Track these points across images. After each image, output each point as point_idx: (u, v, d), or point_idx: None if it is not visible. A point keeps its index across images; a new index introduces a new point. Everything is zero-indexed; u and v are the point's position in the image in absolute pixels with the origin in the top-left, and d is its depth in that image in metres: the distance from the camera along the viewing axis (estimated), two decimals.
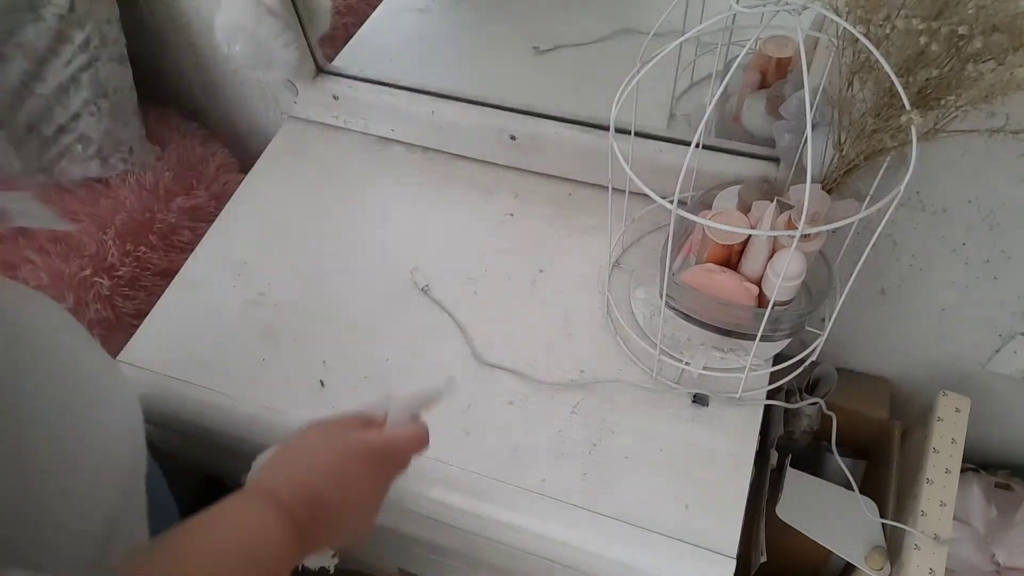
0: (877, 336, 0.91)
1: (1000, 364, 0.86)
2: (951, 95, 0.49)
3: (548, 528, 0.60)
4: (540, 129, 0.75)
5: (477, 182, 0.81)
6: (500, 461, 0.62)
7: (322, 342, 0.70)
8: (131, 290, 0.88)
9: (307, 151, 0.86)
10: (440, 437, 0.64)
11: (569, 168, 0.78)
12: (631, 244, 0.74)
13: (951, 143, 0.63)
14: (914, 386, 0.96)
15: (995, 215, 0.70)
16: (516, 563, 0.68)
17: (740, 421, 0.63)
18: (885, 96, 0.52)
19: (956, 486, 0.76)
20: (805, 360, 0.65)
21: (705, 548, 0.57)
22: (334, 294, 0.74)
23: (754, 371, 0.62)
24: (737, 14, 0.47)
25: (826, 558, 0.87)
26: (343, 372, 0.68)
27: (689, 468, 0.61)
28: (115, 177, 0.93)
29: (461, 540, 0.67)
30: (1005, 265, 0.74)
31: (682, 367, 0.64)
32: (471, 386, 0.66)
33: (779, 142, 0.62)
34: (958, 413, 0.81)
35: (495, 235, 0.77)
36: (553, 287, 0.72)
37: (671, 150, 0.70)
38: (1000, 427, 0.95)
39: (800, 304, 0.61)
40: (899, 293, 0.83)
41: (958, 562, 0.88)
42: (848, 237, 0.62)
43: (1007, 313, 0.80)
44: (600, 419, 0.64)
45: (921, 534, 0.73)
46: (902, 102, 0.47)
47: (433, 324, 0.70)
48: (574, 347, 0.68)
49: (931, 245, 0.76)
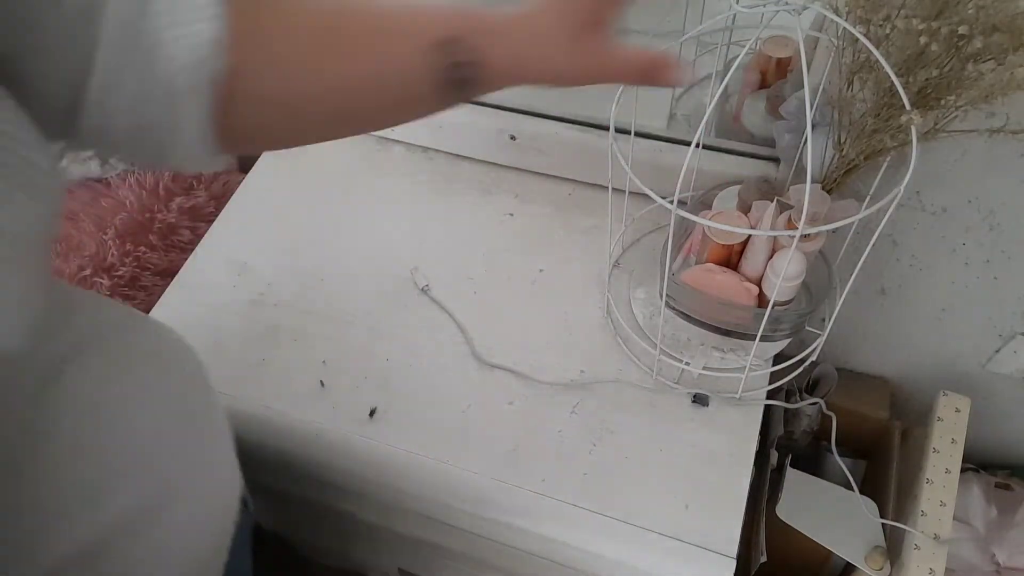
0: (877, 336, 0.91)
1: (1000, 364, 0.86)
2: (951, 95, 0.49)
3: (548, 528, 0.60)
4: (540, 129, 0.75)
5: (477, 182, 0.81)
6: (500, 461, 0.62)
7: (322, 342, 0.70)
8: (131, 290, 0.88)
9: (307, 151, 0.86)
10: (440, 437, 0.64)
11: (569, 168, 0.78)
12: (631, 244, 0.74)
13: (951, 143, 0.63)
14: (914, 386, 0.96)
15: (995, 215, 0.70)
16: (516, 563, 0.68)
17: (740, 421, 0.63)
18: (885, 96, 0.52)
19: (956, 486, 0.76)
20: (805, 360, 0.65)
21: (705, 548, 0.57)
22: (334, 294, 0.74)
23: (754, 371, 0.62)
24: (737, 14, 0.48)
25: (826, 558, 0.87)
26: (343, 372, 0.68)
27: (689, 468, 0.61)
28: (115, 177, 0.93)
29: (461, 540, 0.67)
30: (1005, 265, 0.74)
31: (682, 367, 0.64)
32: (471, 386, 0.66)
33: (779, 142, 0.62)
34: (958, 413, 0.81)
35: (495, 235, 0.77)
36: (553, 287, 0.72)
37: (671, 150, 0.71)
38: (1000, 427, 0.95)
39: (800, 304, 0.61)
40: (899, 293, 0.83)
41: (958, 562, 0.88)
42: (848, 237, 0.62)
43: (1007, 313, 0.80)
44: (600, 419, 0.64)
45: (921, 534, 0.73)
46: (902, 102, 0.48)
47: (433, 324, 0.70)
48: (574, 347, 0.68)
49: (931, 245, 0.76)
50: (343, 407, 0.66)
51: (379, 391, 0.67)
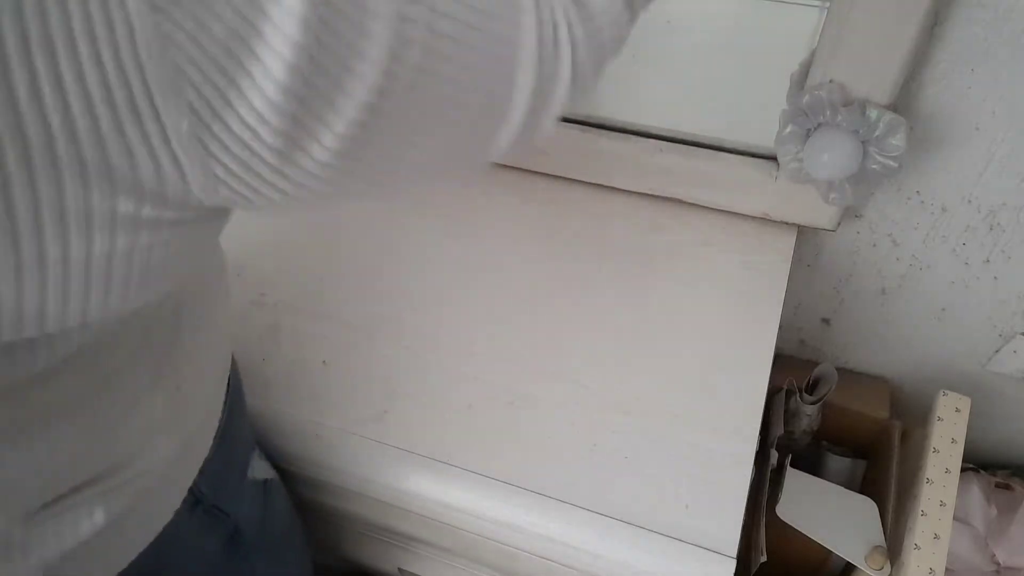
0: (877, 336, 0.91)
1: (1000, 364, 0.86)
2: None
3: (548, 528, 0.60)
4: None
5: (477, 182, 0.81)
6: (500, 461, 0.62)
7: (322, 342, 0.70)
8: None
9: None
10: (440, 437, 0.64)
11: (569, 168, 0.78)
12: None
13: (951, 143, 0.63)
14: (914, 386, 0.96)
15: (995, 215, 0.70)
16: (516, 563, 0.68)
17: (739, 421, 0.63)
18: None
19: (956, 486, 0.76)
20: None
21: (705, 548, 0.57)
22: (334, 294, 0.74)
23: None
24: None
25: (826, 558, 0.87)
26: (343, 372, 0.68)
27: (689, 468, 0.61)
28: None
29: (461, 540, 0.67)
30: (1005, 265, 0.74)
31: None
32: (471, 386, 0.66)
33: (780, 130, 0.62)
34: (958, 413, 0.81)
35: (494, 235, 0.77)
36: (549, 287, 0.72)
37: (674, 150, 0.70)
38: (1000, 427, 0.95)
39: None
40: (899, 293, 0.83)
41: (958, 562, 0.88)
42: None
43: (1007, 313, 0.80)
44: (600, 419, 0.64)
45: (921, 534, 0.73)
46: None
47: (433, 324, 0.70)
48: (573, 345, 0.68)
49: (931, 245, 0.76)
50: (343, 407, 0.66)
51: (379, 391, 0.67)
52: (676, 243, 0.73)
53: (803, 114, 0.61)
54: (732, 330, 0.68)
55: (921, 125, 0.64)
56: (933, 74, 0.61)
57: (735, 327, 0.68)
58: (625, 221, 0.75)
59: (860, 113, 0.59)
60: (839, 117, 0.59)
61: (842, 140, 0.59)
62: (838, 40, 0.57)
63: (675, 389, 0.65)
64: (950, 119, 0.63)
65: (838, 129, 0.60)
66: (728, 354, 0.66)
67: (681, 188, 0.74)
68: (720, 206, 0.74)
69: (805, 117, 0.61)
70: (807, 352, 0.98)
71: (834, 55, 0.57)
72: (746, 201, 0.73)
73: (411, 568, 0.86)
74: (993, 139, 0.63)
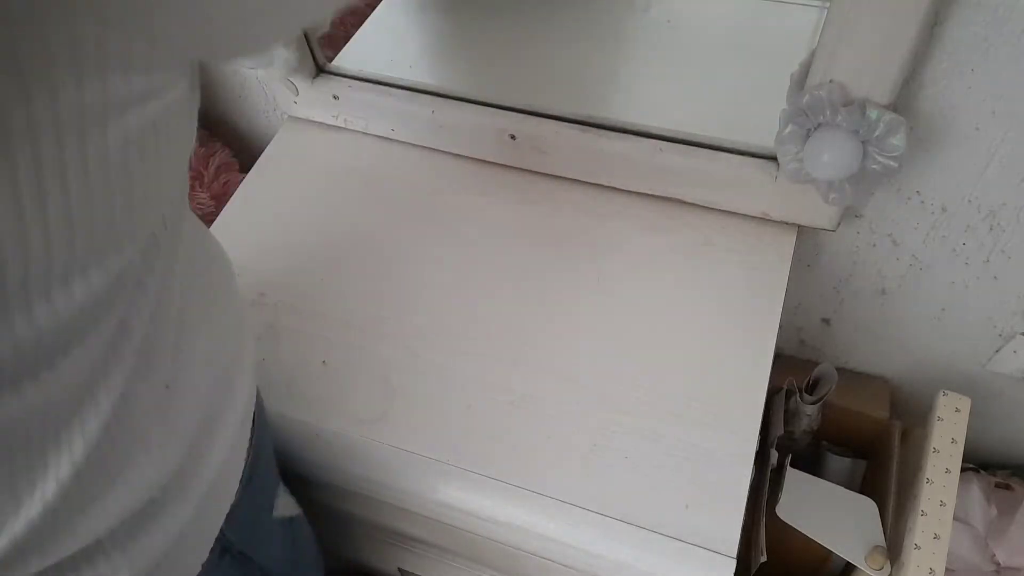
0: (877, 336, 0.91)
1: (1000, 364, 0.86)
2: None
3: (548, 528, 0.60)
4: (540, 129, 0.75)
5: (477, 182, 0.81)
6: (500, 461, 0.62)
7: (322, 342, 0.70)
8: None
9: (307, 151, 0.86)
10: (440, 437, 0.64)
11: (569, 168, 0.78)
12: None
13: (951, 143, 0.63)
14: (914, 386, 0.96)
15: (995, 215, 0.70)
16: (516, 563, 0.68)
17: (739, 421, 0.63)
18: None
19: (956, 486, 0.76)
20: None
21: (705, 548, 0.57)
22: (334, 294, 0.74)
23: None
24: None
25: (826, 558, 0.87)
26: (343, 372, 0.68)
27: (689, 468, 0.61)
28: None
29: (461, 540, 0.67)
30: (1005, 265, 0.74)
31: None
32: (471, 386, 0.66)
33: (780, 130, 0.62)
34: (958, 413, 0.81)
35: (494, 235, 0.77)
36: (549, 287, 0.72)
37: (672, 149, 0.70)
38: (1000, 427, 0.95)
39: None
40: (899, 293, 0.83)
41: (958, 562, 0.88)
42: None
43: (1007, 313, 0.80)
44: (600, 418, 0.64)
45: (921, 534, 0.73)
46: None
47: (433, 324, 0.70)
48: (573, 345, 0.68)
49: (931, 245, 0.76)
50: (343, 407, 0.66)
51: (379, 391, 0.67)
52: (676, 243, 0.73)
53: (803, 114, 0.60)
54: (732, 330, 0.68)
55: (921, 125, 0.64)
56: (933, 74, 0.61)
57: (735, 327, 0.68)
58: (625, 221, 0.75)
59: (860, 113, 0.59)
60: (839, 117, 0.59)
61: (842, 140, 0.59)
62: (838, 40, 0.56)
63: (675, 389, 0.65)
64: (950, 119, 0.63)
65: (838, 129, 0.60)
66: (728, 354, 0.66)
67: (681, 188, 0.74)
68: (720, 206, 0.74)
69: (805, 117, 0.61)
70: (807, 352, 0.98)
71: (834, 55, 0.57)
72: (746, 201, 0.73)
73: (411, 568, 0.86)
74: (993, 139, 0.63)
